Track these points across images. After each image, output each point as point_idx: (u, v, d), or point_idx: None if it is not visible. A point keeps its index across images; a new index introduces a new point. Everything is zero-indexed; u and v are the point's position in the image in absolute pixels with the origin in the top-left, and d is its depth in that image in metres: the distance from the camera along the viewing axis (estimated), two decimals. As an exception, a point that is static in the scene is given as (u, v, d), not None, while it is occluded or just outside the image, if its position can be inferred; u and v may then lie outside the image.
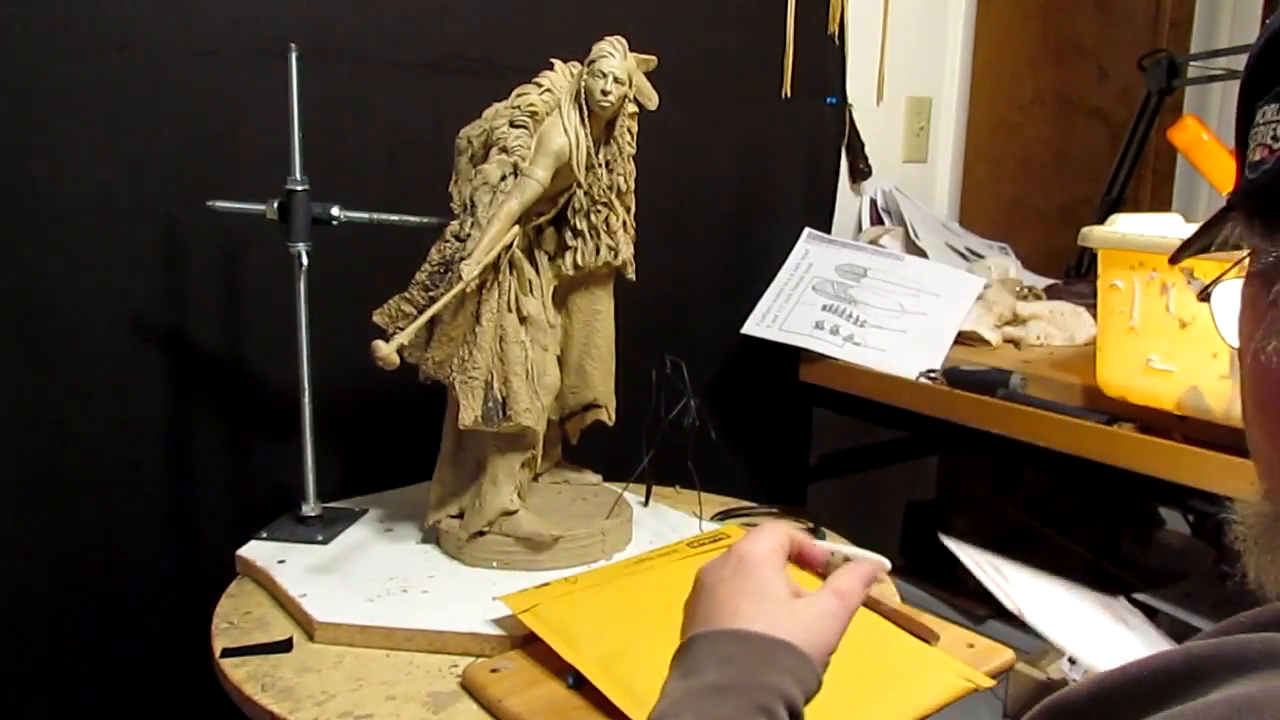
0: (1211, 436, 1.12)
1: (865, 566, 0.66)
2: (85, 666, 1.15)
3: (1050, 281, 1.84)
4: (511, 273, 1.00)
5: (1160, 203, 2.41)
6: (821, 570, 0.68)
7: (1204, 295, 0.52)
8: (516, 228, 0.98)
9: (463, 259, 0.94)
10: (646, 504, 1.19)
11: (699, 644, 0.59)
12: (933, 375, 1.43)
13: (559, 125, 0.98)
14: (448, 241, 0.98)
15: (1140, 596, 1.39)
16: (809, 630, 0.59)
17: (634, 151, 1.03)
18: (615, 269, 1.08)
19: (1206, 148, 1.38)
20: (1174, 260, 0.53)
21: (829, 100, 1.79)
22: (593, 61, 0.97)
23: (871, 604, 0.94)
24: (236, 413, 1.22)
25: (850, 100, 1.82)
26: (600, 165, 1.01)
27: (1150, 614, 1.36)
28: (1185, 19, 2.44)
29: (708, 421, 1.11)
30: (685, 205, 1.59)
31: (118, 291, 1.11)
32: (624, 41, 0.99)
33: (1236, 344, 0.49)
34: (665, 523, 1.15)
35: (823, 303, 1.55)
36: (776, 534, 0.64)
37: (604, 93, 0.96)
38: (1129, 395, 1.20)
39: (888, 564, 0.71)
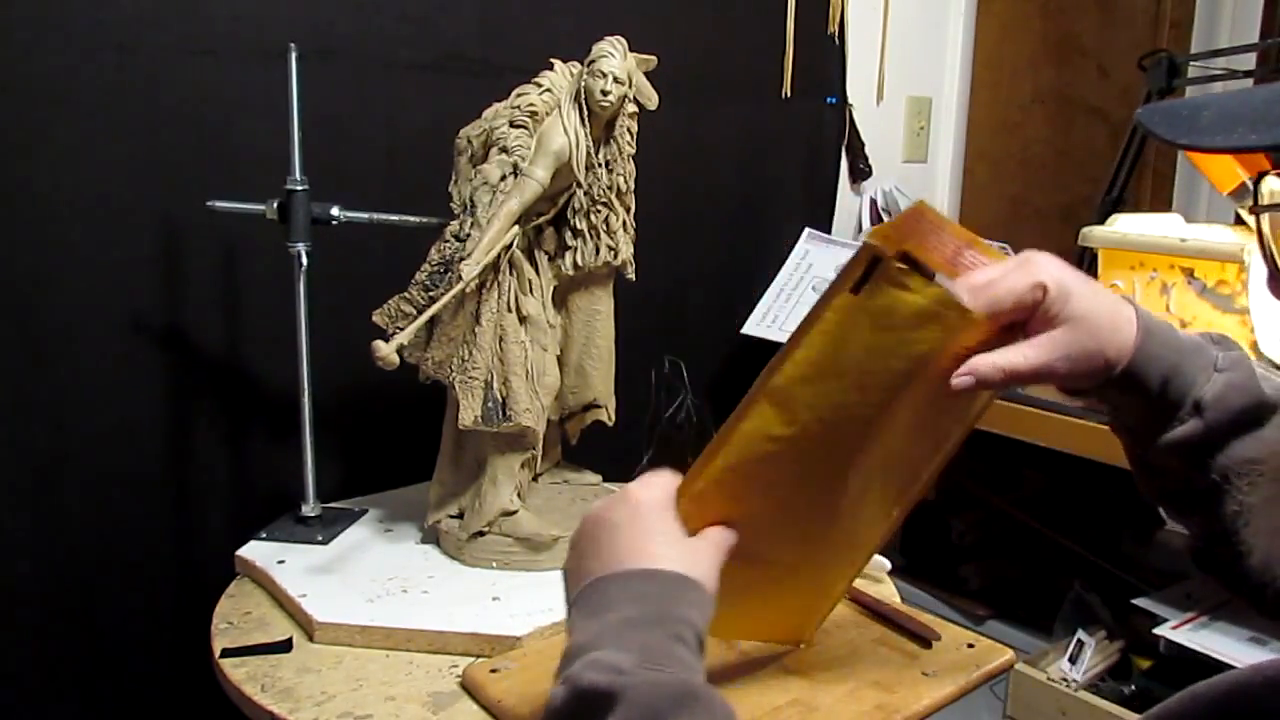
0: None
1: None
2: (85, 666, 1.15)
3: (1050, 281, 1.84)
4: (511, 273, 1.00)
5: (1160, 203, 2.41)
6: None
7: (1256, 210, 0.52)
8: (516, 228, 0.98)
9: (462, 259, 0.94)
10: (646, 504, 1.19)
11: (611, 583, 0.62)
12: (933, 375, 1.43)
13: (559, 125, 0.98)
14: (447, 241, 0.98)
15: (1139, 601, 1.39)
16: (704, 567, 0.64)
17: (634, 151, 1.03)
18: (615, 269, 1.08)
19: (1206, 148, 1.37)
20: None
21: (829, 100, 1.79)
22: (593, 61, 0.97)
23: (871, 604, 0.95)
24: (236, 413, 1.22)
25: (850, 100, 1.82)
26: (600, 165, 1.01)
27: (1149, 616, 1.36)
28: (1185, 19, 2.44)
29: (707, 421, 1.11)
30: (685, 205, 1.59)
31: (118, 291, 1.11)
32: (624, 41, 0.99)
33: None
34: (665, 523, 1.15)
35: (823, 303, 1.55)
36: (667, 481, 0.67)
37: (604, 93, 0.96)
38: (1129, 395, 1.20)
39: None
